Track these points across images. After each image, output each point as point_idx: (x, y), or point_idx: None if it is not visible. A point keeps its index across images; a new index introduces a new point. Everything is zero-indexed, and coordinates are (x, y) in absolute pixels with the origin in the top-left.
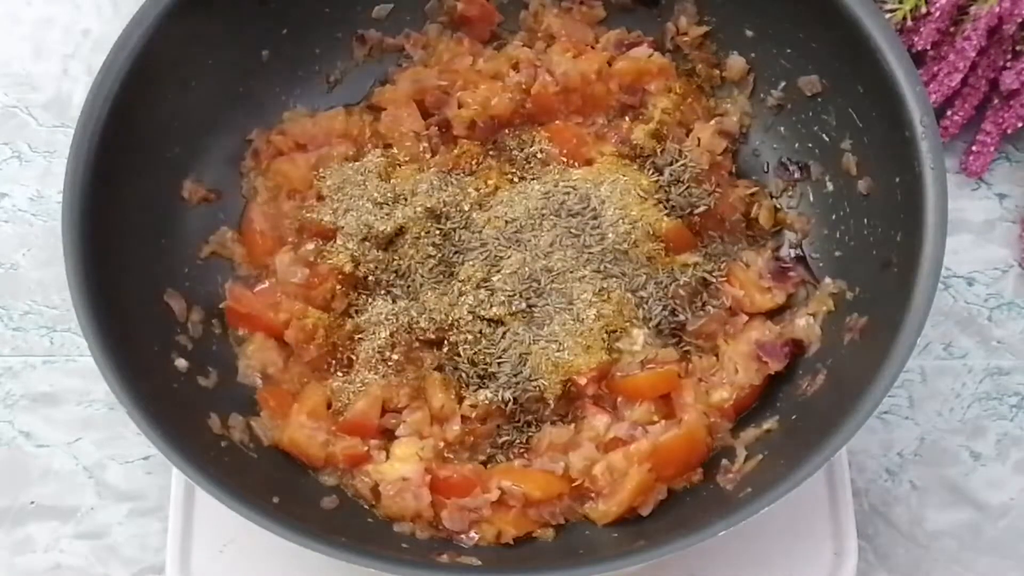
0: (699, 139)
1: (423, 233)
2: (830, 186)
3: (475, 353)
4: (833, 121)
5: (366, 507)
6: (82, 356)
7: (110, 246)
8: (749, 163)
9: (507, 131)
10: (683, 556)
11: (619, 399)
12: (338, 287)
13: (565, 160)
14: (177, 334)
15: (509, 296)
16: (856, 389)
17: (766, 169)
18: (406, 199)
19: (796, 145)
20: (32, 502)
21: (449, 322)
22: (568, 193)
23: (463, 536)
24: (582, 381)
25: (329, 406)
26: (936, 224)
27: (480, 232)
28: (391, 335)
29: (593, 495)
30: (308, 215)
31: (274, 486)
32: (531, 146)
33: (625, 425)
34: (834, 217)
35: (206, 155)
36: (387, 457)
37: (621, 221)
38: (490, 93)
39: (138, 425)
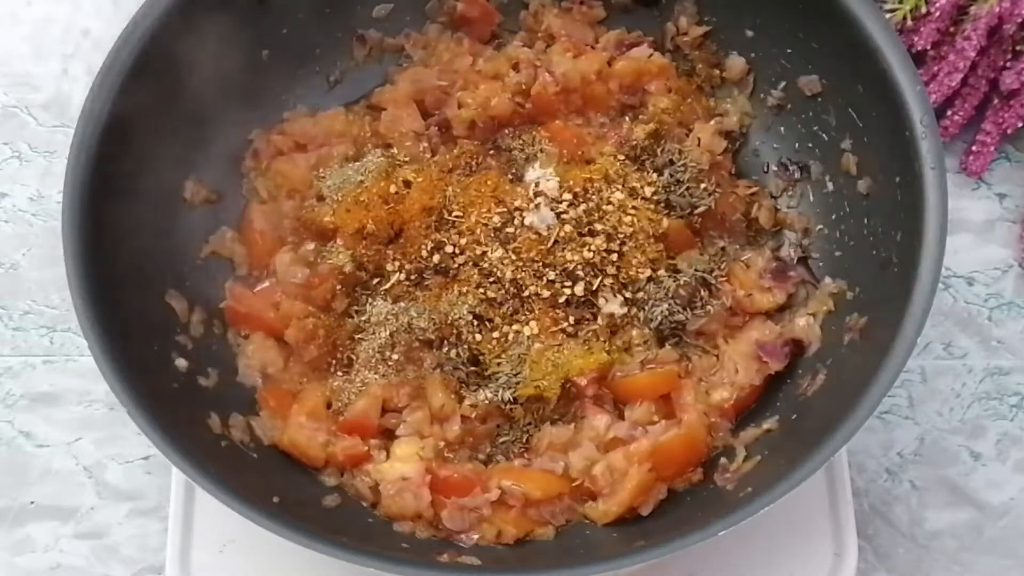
0: (699, 139)
1: (423, 233)
2: (830, 186)
3: (475, 353)
4: (833, 121)
5: (366, 507)
6: (82, 356)
7: (110, 246)
8: (749, 163)
9: (507, 131)
10: (683, 556)
11: (619, 399)
12: (338, 287)
13: (565, 160)
14: (177, 334)
15: (509, 296)
16: (856, 389)
17: (766, 169)
18: (406, 199)
19: (796, 145)
20: (32, 502)
21: (449, 322)
22: (568, 193)
23: (463, 536)
24: (582, 381)
25: (329, 406)
26: (936, 224)
27: (479, 232)
28: (391, 335)
29: (593, 495)
30: (308, 215)
31: (274, 486)
32: (531, 146)
33: (625, 425)
34: (834, 217)
35: (206, 155)
36: (387, 457)
37: (621, 221)
38: (490, 93)
39: (138, 425)
